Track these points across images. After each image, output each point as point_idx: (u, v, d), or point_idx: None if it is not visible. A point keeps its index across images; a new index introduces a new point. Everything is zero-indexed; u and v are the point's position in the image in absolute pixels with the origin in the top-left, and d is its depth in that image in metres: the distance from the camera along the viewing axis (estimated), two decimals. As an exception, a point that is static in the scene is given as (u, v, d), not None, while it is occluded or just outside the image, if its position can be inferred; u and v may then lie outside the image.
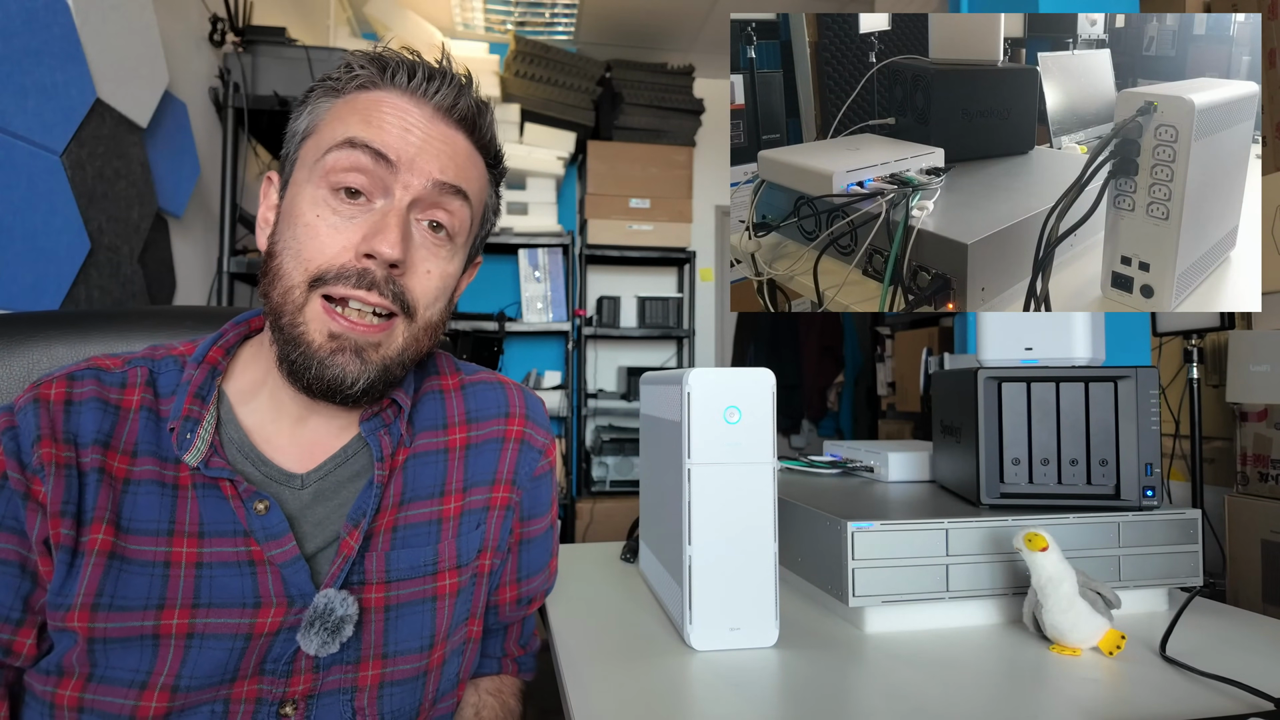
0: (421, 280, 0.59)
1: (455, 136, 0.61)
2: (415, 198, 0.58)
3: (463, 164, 0.61)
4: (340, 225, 0.57)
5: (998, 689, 0.60)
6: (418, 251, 0.59)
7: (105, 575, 0.53)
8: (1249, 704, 0.56)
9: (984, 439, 0.80)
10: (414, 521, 0.63)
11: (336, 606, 0.56)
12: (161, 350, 0.63)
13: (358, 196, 0.57)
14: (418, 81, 0.59)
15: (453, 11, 3.36)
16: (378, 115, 0.58)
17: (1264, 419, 1.94)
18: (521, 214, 3.22)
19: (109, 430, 0.57)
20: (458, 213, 0.61)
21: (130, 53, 1.57)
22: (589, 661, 0.67)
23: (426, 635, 0.62)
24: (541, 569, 0.74)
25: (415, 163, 0.58)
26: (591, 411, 3.50)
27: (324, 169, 0.57)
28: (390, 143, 0.57)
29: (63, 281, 1.36)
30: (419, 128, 0.58)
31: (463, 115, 0.61)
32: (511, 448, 0.70)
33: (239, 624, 0.55)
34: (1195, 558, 0.78)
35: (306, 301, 0.56)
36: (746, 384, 0.67)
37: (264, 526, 0.57)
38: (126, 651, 0.53)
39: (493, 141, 0.65)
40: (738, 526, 0.67)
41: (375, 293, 0.56)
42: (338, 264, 0.56)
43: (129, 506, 0.56)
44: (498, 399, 0.71)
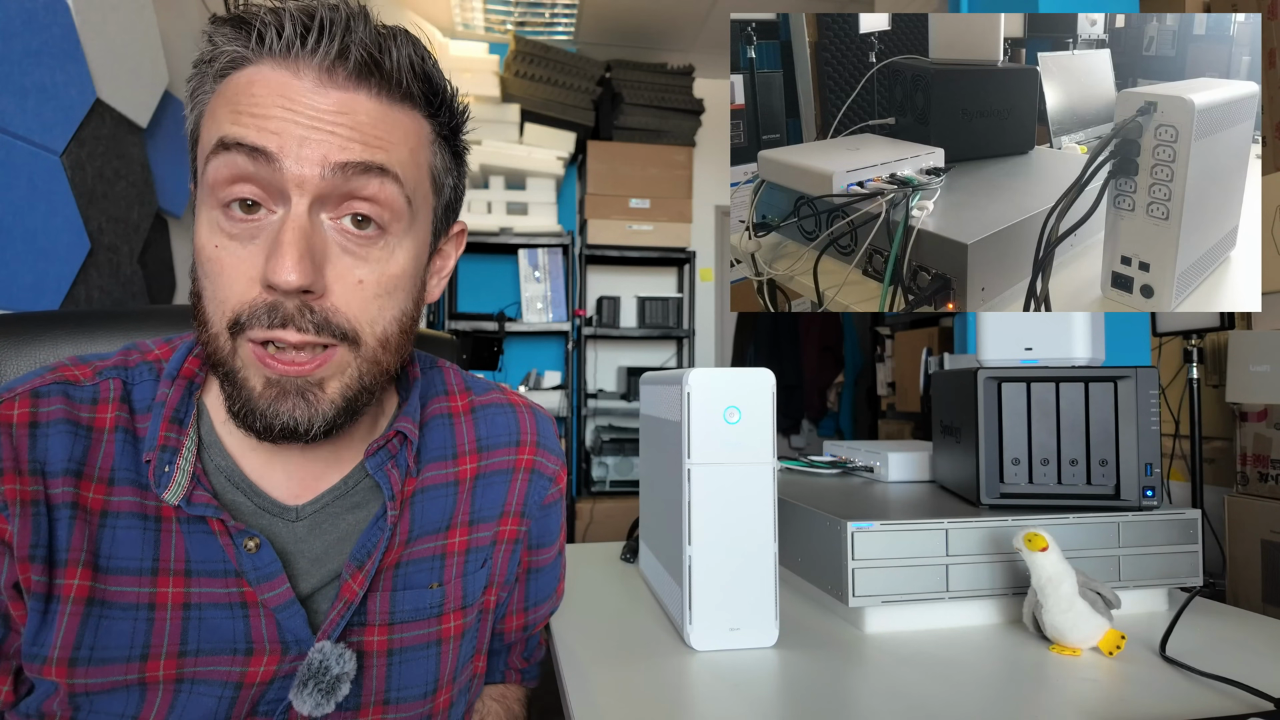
0: (353, 295, 0.48)
1: (355, 99, 0.47)
2: (316, 195, 0.46)
3: (372, 130, 0.47)
4: (240, 252, 0.47)
5: (998, 689, 0.60)
6: (338, 262, 0.48)
7: (84, 625, 0.48)
8: (1249, 704, 0.56)
9: (984, 439, 0.80)
10: (417, 558, 0.58)
11: (332, 665, 0.52)
12: (135, 355, 0.56)
13: (255, 209, 0.46)
14: (287, 39, 0.46)
15: (453, 11, 3.36)
16: (248, 100, 0.46)
17: (1264, 419, 1.94)
18: (521, 214, 3.23)
19: (81, 457, 0.50)
20: (383, 197, 0.48)
21: (130, 53, 1.57)
22: (589, 661, 0.67)
23: (430, 681, 0.58)
24: (549, 595, 0.72)
25: (302, 151, 0.45)
26: (591, 411, 3.50)
27: (208, 184, 0.47)
28: (269, 129, 0.45)
29: (63, 281, 1.36)
30: (303, 104, 0.46)
31: (359, 65, 0.46)
32: (521, 478, 0.65)
33: (229, 671, 0.51)
34: (1195, 558, 0.77)
35: (235, 348, 0.48)
36: (746, 384, 0.67)
37: (255, 566, 0.51)
38: (112, 699, 0.49)
39: (422, 81, 0.50)
40: (738, 526, 0.67)
41: (292, 329, 0.46)
42: (247, 301, 0.46)
43: (107, 543, 0.50)
44: (508, 424, 0.65)
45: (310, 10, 0.46)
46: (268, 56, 0.47)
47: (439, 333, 0.97)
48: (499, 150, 3.13)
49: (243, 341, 0.47)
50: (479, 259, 3.57)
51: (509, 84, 3.22)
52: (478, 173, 3.17)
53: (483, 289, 3.56)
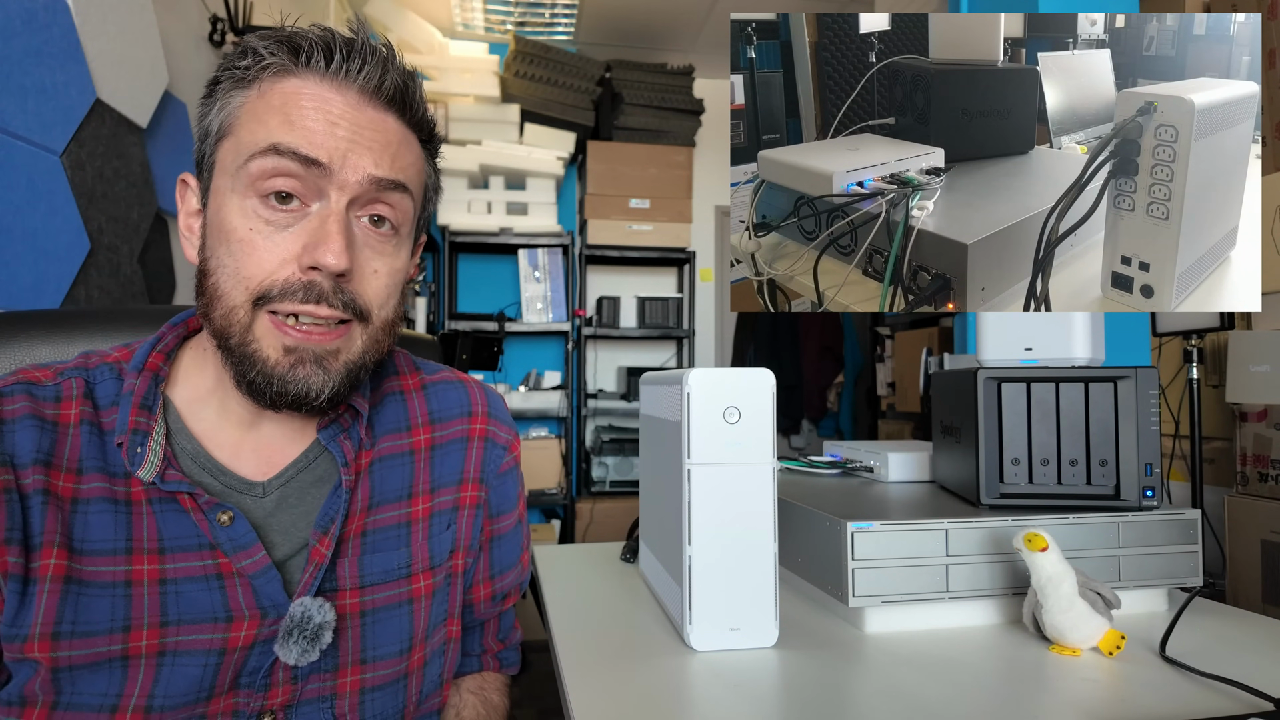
0: (370, 282, 0.56)
1: (385, 120, 0.56)
2: (353, 197, 0.54)
3: (398, 152, 0.56)
4: (276, 236, 0.52)
5: (998, 689, 0.60)
6: (362, 253, 0.55)
7: (63, 601, 0.50)
8: (1249, 704, 0.56)
9: (984, 439, 0.80)
10: (383, 525, 0.62)
11: (314, 614, 0.55)
12: (94, 358, 0.59)
13: (289, 200, 0.53)
14: (337, 63, 0.53)
15: (453, 11, 3.36)
16: (298, 112, 0.52)
17: (1264, 419, 1.94)
18: (521, 214, 3.23)
19: (49, 448, 0.53)
20: (399, 205, 0.57)
21: (130, 53, 1.57)
22: (589, 661, 0.67)
23: (404, 638, 0.61)
24: (514, 564, 0.75)
25: (348, 160, 0.53)
26: (591, 411, 3.50)
27: (249, 176, 0.52)
28: (318, 143, 0.52)
29: (63, 281, 1.36)
30: (346, 119, 0.53)
31: (391, 94, 0.55)
32: (476, 446, 0.69)
33: (211, 639, 0.53)
34: (1195, 558, 0.77)
35: (253, 320, 0.52)
36: (746, 384, 0.67)
37: (231, 538, 0.54)
38: (95, 676, 0.51)
39: (425, 116, 0.60)
40: (738, 526, 0.66)
41: (325, 305, 0.53)
42: (280, 279, 0.52)
43: (80, 527, 0.52)
44: (460, 398, 0.70)
45: (352, 40, 0.55)
46: (312, 73, 0.53)
47: (419, 334, 0.98)
48: (499, 150, 3.13)
49: (261, 314, 0.52)
50: (479, 259, 3.57)
51: (509, 84, 3.22)
52: (478, 173, 3.17)
53: (483, 289, 3.56)
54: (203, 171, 0.57)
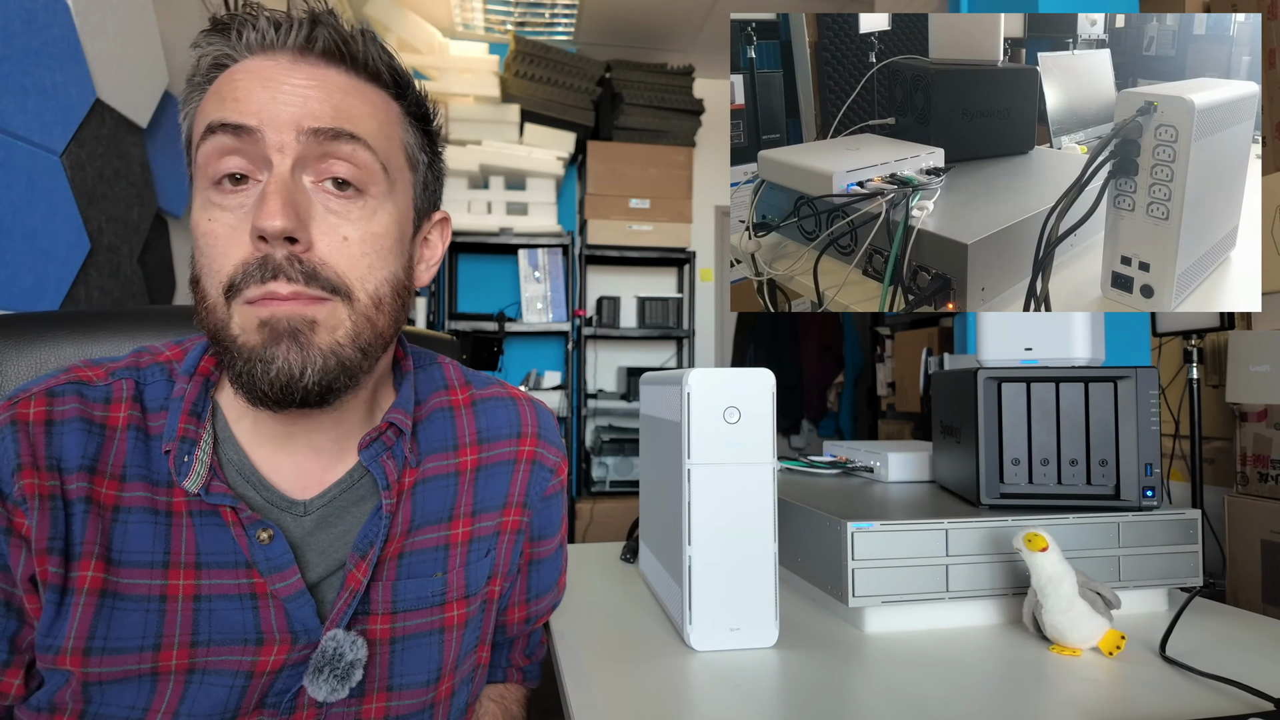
0: (339, 250, 0.51)
1: (325, 73, 0.51)
2: (296, 157, 0.49)
3: (342, 100, 0.51)
4: (231, 220, 0.50)
5: (998, 689, 0.60)
6: (323, 221, 0.51)
7: (97, 615, 0.50)
8: (1249, 704, 0.56)
9: (984, 439, 0.80)
10: (420, 548, 0.59)
11: (346, 651, 0.53)
12: (146, 357, 0.58)
13: (243, 182, 0.50)
14: (262, 32, 0.51)
15: (453, 11, 3.36)
16: (230, 87, 0.50)
17: (1264, 419, 1.94)
18: (521, 214, 3.23)
19: (94, 454, 0.52)
20: (356, 158, 0.51)
21: (130, 53, 1.57)
22: (589, 661, 0.67)
23: (434, 669, 0.59)
24: (551, 588, 0.72)
25: (279, 116, 0.49)
26: (591, 412, 3.50)
27: (200, 169, 0.51)
28: (248, 109, 0.49)
29: (63, 281, 1.36)
30: (277, 80, 0.50)
31: (325, 48, 0.51)
32: (523, 469, 0.66)
33: (240, 661, 0.52)
34: (1195, 558, 0.77)
35: (230, 314, 0.50)
36: (746, 384, 0.67)
37: (268, 557, 0.53)
38: (123, 690, 0.50)
39: (385, 67, 0.54)
40: (738, 526, 0.67)
41: (283, 279, 0.48)
42: (240, 262, 0.49)
43: (119, 537, 0.52)
44: (509, 417, 0.67)
45: (284, 12, 0.51)
46: (248, 54, 0.51)
47: (440, 333, 0.97)
48: (499, 150, 3.13)
49: (238, 305, 0.49)
50: (479, 259, 3.57)
51: (509, 84, 3.22)
52: (478, 173, 3.17)
53: (483, 289, 3.56)
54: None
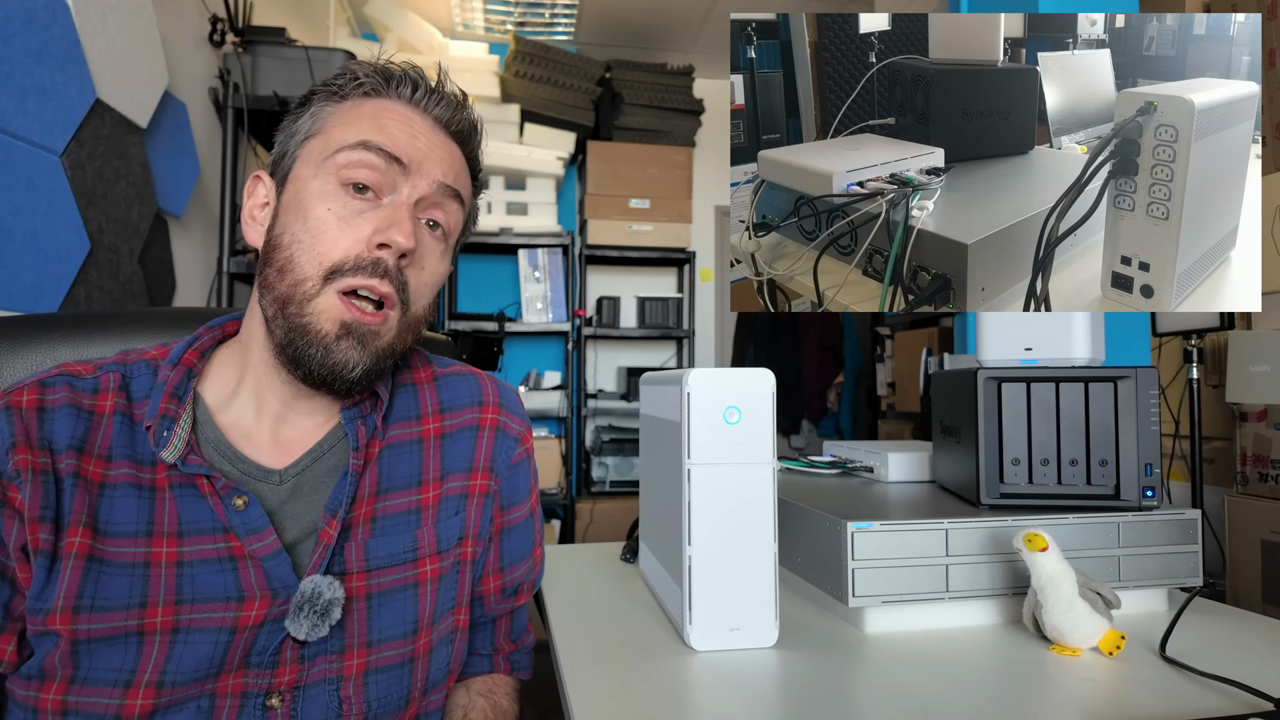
0: (420, 275, 0.63)
1: (452, 146, 0.66)
2: (421, 196, 0.62)
3: (459, 172, 0.66)
4: (351, 219, 0.59)
5: (998, 689, 0.60)
6: (423, 244, 0.63)
7: (85, 577, 0.54)
8: (1249, 704, 0.56)
9: (984, 439, 0.80)
10: (392, 511, 0.64)
11: (324, 590, 0.57)
12: (133, 355, 0.63)
13: (365, 192, 0.60)
14: (420, 95, 0.64)
15: (453, 11, 3.36)
16: (387, 120, 0.62)
17: (1264, 419, 1.94)
18: (521, 214, 3.22)
19: (83, 435, 0.57)
20: (454, 214, 0.66)
21: (130, 53, 1.57)
22: (589, 661, 0.67)
23: (410, 621, 0.63)
24: (525, 557, 0.75)
25: (423, 165, 0.62)
26: (591, 412, 3.50)
27: (334, 166, 0.60)
28: (401, 147, 0.61)
29: (62, 282, 1.36)
30: (424, 135, 0.63)
31: (459, 129, 0.66)
32: (487, 435, 0.71)
33: (223, 618, 0.56)
34: (1195, 558, 0.77)
35: (319, 293, 0.58)
36: (746, 384, 0.67)
37: (244, 522, 0.57)
38: (110, 650, 0.53)
39: (479, 158, 0.71)
40: (737, 526, 0.67)
41: (386, 281, 0.59)
42: (352, 255, 0.58)
43: (105, 510, 0.56)
44: (470, 389, 0.73)
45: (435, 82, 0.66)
46: (398, 99, 0.64)
47: (437, 334, 0.97)
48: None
49: (329, 290, 0.58)
50: (479, 259, 3.57)
51: (509, 84, 3.22)
52: (478, 173, 3.17)
53: (483, 289, 3.56)
54: (281, 166, 0.64)
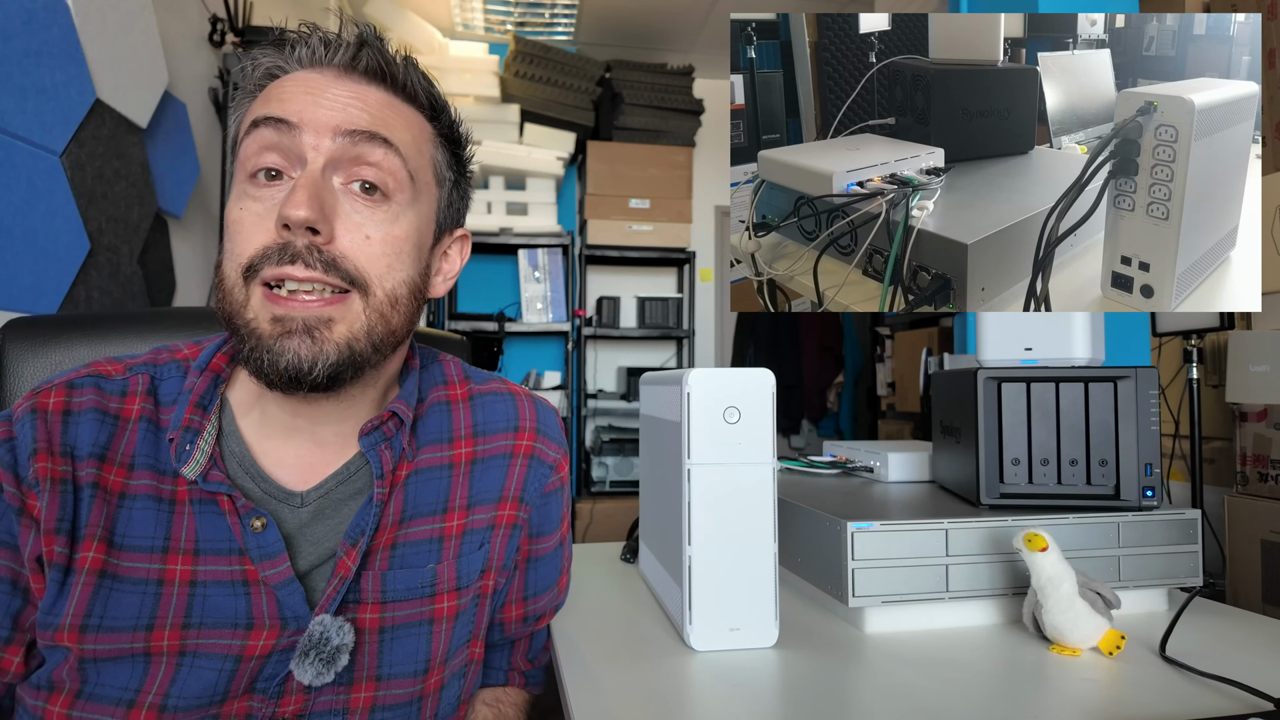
0: (361, 247, 0.54)
1: (365, 89, 0.56)
2: (329, 158, 0.53)
3: (379, 111, 0.55)
4: (263, 211, 0.53)
5: (998, 689, 0.60)
6: (348, 219, 0.54)
7: (95, 595, 0.52)
8: (1249, 704, 0.56)
9: (984, 439, 0.80)
10: (414, 539, 0.60)
11: (333, 635, 0.54)
12: (165, 354, 0.60)
13: (277, 178, 0.53)
14: (313, 49, 0.55)
15: (453, 11, 3.36)
16: (278, 91, 0.55)
17: (1264, 419, 1.94)
18: (521, 214, 3.22)
19: (106, 442, 0.55)
20: (385, 164, 0.55)
21: (130, 53, 1.57)
22: (589, 661, 0.67)
23: (421, 659, 0.60)
24: (550, 587, 0.72)
25: (319, 118, 0.53)
26: (591, 412, 3.50)
27: (241, 162, 0.54)
28: (289, 109, 0.53)
29: (62, 282, 1.36)
30: (320, 88, 0.54)
31: (370, 67, 0.56)
32: (520, 463, 0.67)
33: (230, 645, 0.54)
34: (1195, 558, 0.77)
35: (248, 296, 0.53)
36: (746, 384, 0.67)
37: (260, 545, 0.55)
38: (117, 669, 0.52)
39: (422, 90, 0.59)
40: (737, 526, 0.66)
41: (301, 265, 0.51)
42: (261, 245, 0.52)
43: (123, 522, 0.54)
44: (507, 411, 0.68)
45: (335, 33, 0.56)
46: (299, 67, 0.56)
47: (449, 333, 0.97)
48: (499, 150, 3.13)
49: (254, 287, 0.52)
50: (479, 259, 3.56)
51: (509, 84, 3.22)
52: (477, 173, 3.16)
53: (482, 289, 3.56)
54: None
